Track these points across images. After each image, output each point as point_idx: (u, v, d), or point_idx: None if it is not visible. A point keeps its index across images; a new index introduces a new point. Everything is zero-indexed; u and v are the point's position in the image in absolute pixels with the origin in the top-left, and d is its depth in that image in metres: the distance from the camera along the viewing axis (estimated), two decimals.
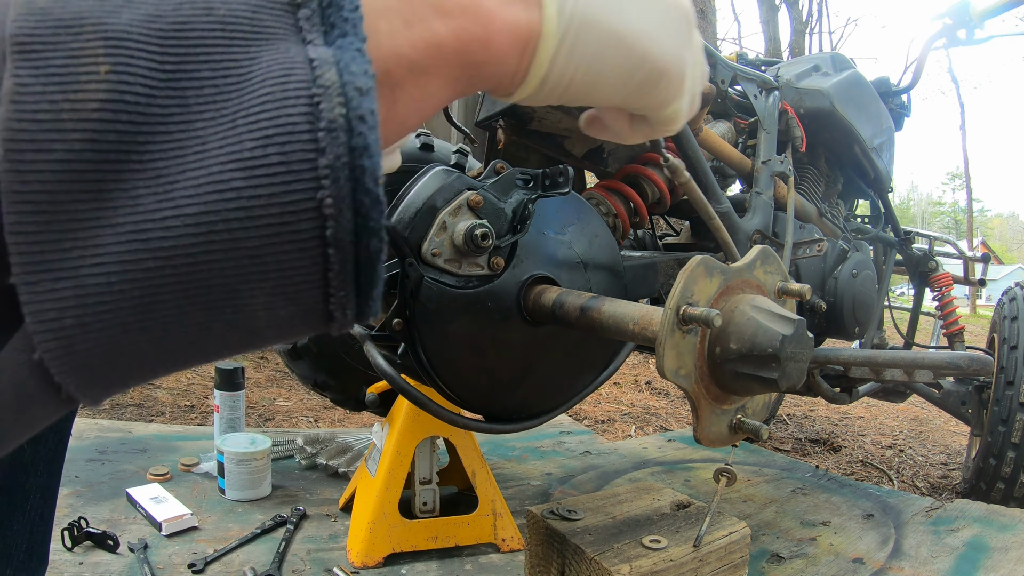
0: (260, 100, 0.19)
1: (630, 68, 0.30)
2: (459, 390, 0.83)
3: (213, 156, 0.19)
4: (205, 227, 0.18)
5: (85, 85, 0.18)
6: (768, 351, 0.66)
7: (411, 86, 0.24)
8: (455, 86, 0.26)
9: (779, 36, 11.43)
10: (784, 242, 1.31)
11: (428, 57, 0.24)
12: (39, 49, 0.17)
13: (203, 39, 0.19)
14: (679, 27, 0.32)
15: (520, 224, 0.81)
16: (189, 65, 0.19)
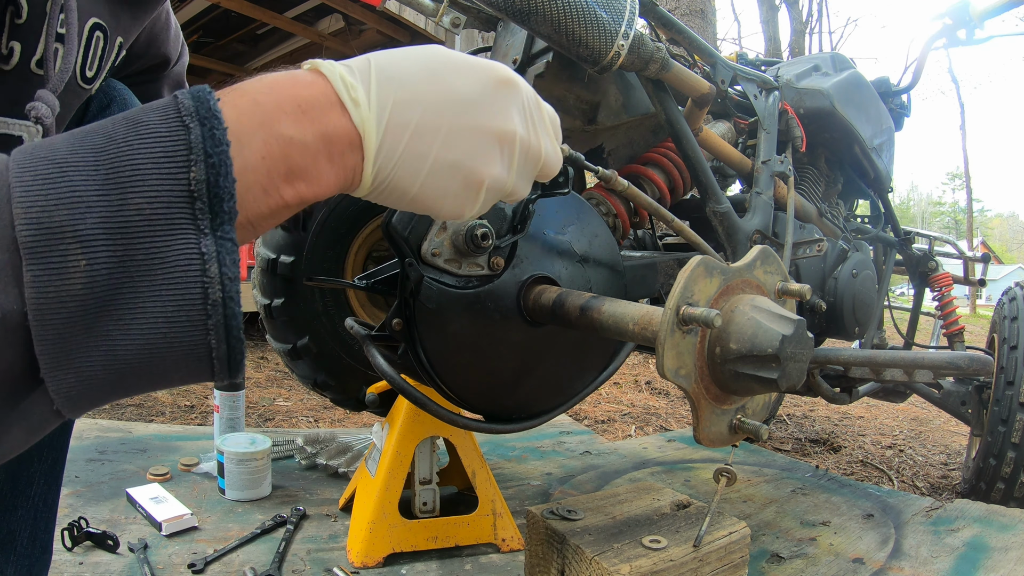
0: (175, 279, 0.33)
1: (417, 209, 0.46)
2: (459, 390, 0.83)
3: (151, 311, 0.32)
4: (148, 351, 0.33)
5: (73, 275, 0.31)
6: (768, 351, 0.66)
7: (266, 221, 0.39)
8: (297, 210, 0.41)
9: (779, 36, 11.43)
10: (784, 242, 1.31)
11: (277, 210, 0.39)
12: (40, 251, 0.30)
13: (139, 232, 0.32)
14: (465, 196, 0.46)
15: (520, 224, 0.81)
16: (133, 251, 0.32)
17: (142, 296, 0.32)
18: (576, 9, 0.95)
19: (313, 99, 0.39)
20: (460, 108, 0.44)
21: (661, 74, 1.13)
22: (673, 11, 5.10)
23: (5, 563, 0.78)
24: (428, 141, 0.43)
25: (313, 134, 0.39)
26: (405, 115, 0.42)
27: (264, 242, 1.58)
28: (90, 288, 0.31)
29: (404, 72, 0.43)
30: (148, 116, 0.34)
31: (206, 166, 0.33)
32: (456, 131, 0.44)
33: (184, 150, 0.33)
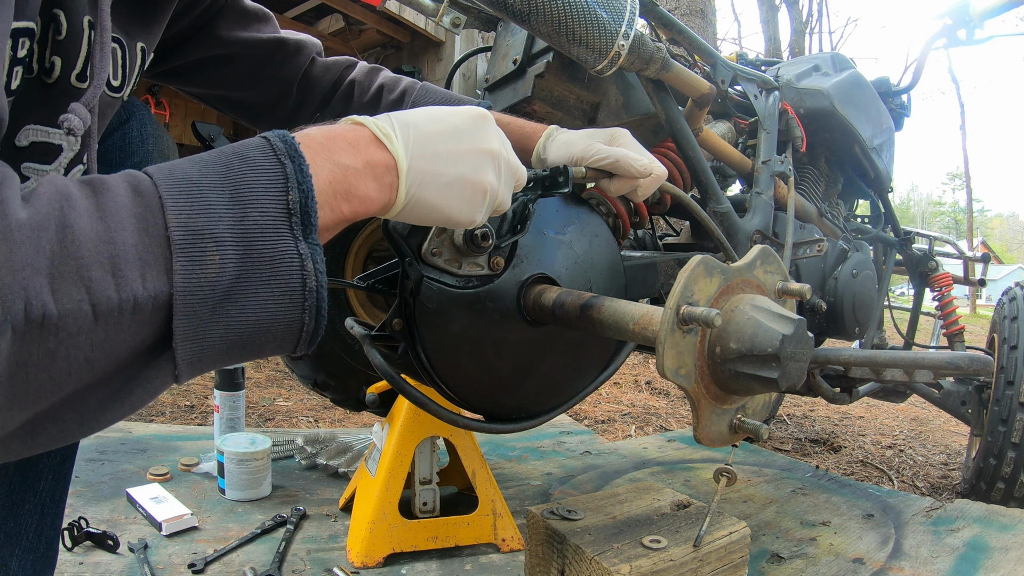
0: (283, 271, 0.44)
1: (440, 219, 0.60)
2: (459, 390, 0.83)
3: (264, 296, 0.43)
4: (257, 327, 0.43)
5: (210, 266, 0.41)
6: (768, 351, 0.66)
7: (331, 231, 0.51)
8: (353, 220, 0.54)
9: (779, 36, 11.43)
10: (784, 242, 1.31)
11: (339, 222, 0.51)
12: (187, 247, 0.41)
13: (256, 237, 0.43)
14: (474, 202, 0.60)
15: (520, 224, 0.81)
16: (251, 251, 0.43)
17: (256, 284, 0.43)
18: (576, 9, 0.95)
19: (359, 138, 0.53)
20: (458, 136, 0.59)
21: (661, 74, 1.13)
22: (673, 11, 5.10)
23: (10, 556, 0.78)
24: (441, 162, 0.57)
25: (362, 162, 0.52)
26: (422, 146, 0.56)
27: None
28: (221, 277, 0.41)
29: (417, 119, 0.58)
30: (252, 153, 0.46)
31: (299, 192, 0.45)
32: (459, 153, 0.59)
33: (283, 179, 0.45)
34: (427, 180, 0.56)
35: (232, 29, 0.90)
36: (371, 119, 0.55)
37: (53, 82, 0.64)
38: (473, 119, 0.62)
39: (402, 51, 6.02)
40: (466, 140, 0.60)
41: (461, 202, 0.59)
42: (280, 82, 0.96)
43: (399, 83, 1.02)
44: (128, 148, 0.82)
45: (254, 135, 0.51)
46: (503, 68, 1.37)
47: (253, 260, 0.42)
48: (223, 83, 0.94)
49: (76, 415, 0.40)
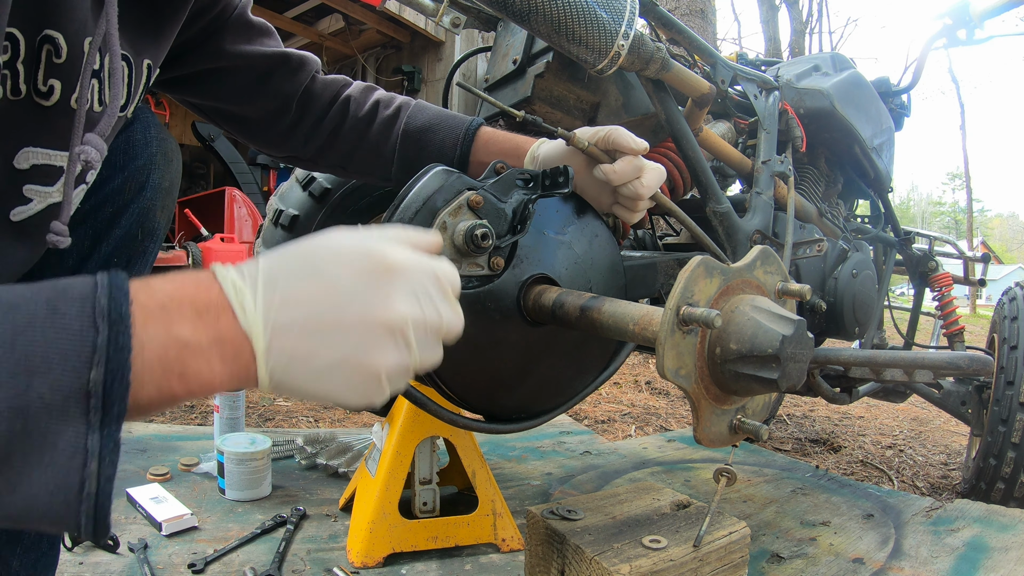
0: (60, 465, 0.38)
1: (323, 402, 0.52)
2: (459, 390, 0.83)
3: (36, 482, 0.37)
4: (26, 510, 0.37)
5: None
6: (768, 351, 0.66)
7: (155, 410, 0.43)
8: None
9: (779, 36, 11.43)
10: (784, 242, 1.31)
11: (166, 402, 0.43)
12: None
13: (37, 415, 0.36)
14: (365, 388, 0.47)
15: (520, 224, 0.81)
16: (30, 429, 0.36)
17: (31, 467, 0.37)
18: (576, 9, 0.95)
19: (209, 303, 0.43)
20: (342, 302, 0.45)
21: (661, 74, 1.13)
22: (673, 11, 5.10)
23: (11, 556, 0.79)
24: (315, 340, 0.45)
25: (208, 337, 0.42)
26: (288, 315, 0.44)
27: (264, 242, 1.58)
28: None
29: (288, 272, 0.45)
30: (67, 306, 0.38)
31: (105, 370, 0.38)
32: (341, 327, 0.45)
33: (89, 351, 0.38)
34: (296, 362, 0.44)
35: (236, 42, 0.89)
36: (230, 272, 0.45)
37: (51, 105, 0.63)
38: (368, 273, 0.47)
39: (402, 51, 6.02)
40: (354, 308, 0.45)
41: (346, 389, 0.46)
42: (280, 97, 0.95)
43: (394, 100, 1.00)
44: (132, 151, 0.82)
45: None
46: (503, 68, 1.37)
47: (29, 441, 0.36)
48: (223, 96, 0.93)
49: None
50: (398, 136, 0.97)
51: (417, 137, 0.97)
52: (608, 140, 0.86)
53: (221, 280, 0.44)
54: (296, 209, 1.53)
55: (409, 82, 5.88)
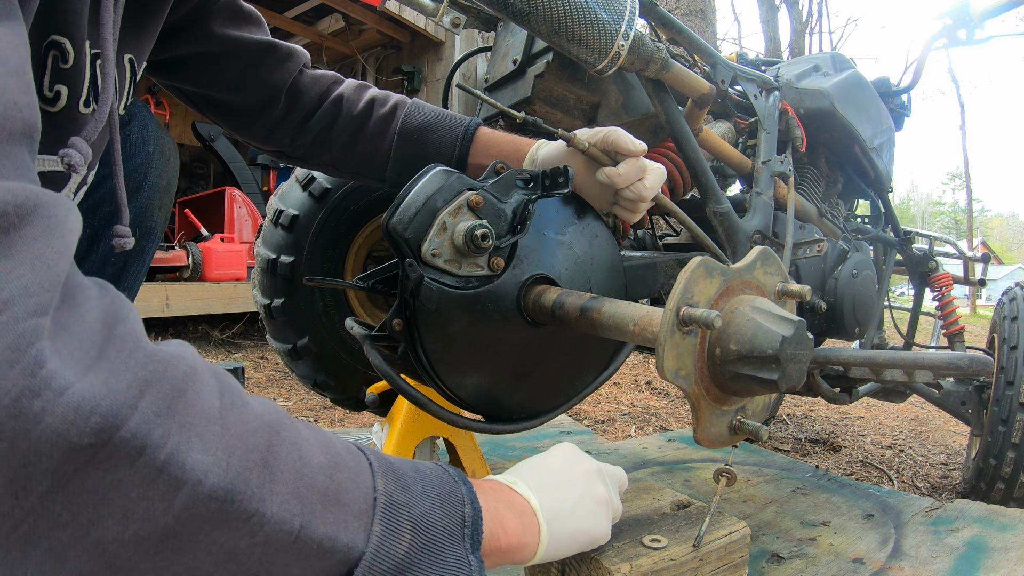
0: (453, 572, 0.50)
1: (583, 542, 0.67)
2: (459, 390, 0.83)
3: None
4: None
5: (400, 540, 0.47)
6: (768, 352, 0.66)
7: (488, 552, 0.55)
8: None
9: (779, 36, 11.44)
10: (784, 242, 1.31)
11: (494, 548, 0.56)
12: (388, 516, 0.48)
13: (438, 535, 0.50)
14: (599, 513, 0.67)
15: (520, 224, 0.81)
16: (431, 542, 0.49)
17: (426, 571, 0.47)
18: (576, 9, 0.95)
19: (494, 485, 0.61)
20: (563, 466, 0.68)
21: (661, 74, 1.13)
22: (673, 11, 5.10)
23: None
24: (562, 490, 0.65)
25: (504, 502, 0.59)
26: (543, 481, 0.65)
27: (264, 242, 1.58)
28: (405, 552, 0.46)
29: (528, 465, 0.67)
30: (430, 470, 0.53)
31: (472, 507, 0.52)
32: (571, 479, 0.67)
33: (461, 495, 0.52)
34: (558, 508, 0.63)
35: (225, 26, 0.88)
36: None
37: (58, 111, 0.63)
38: (589, 472, 0.69)
39: (402, 51, 6.02)
40: (570, 468, 0.67)
41: (592, 518, 0.66)
42: (269, 88, 0.94)
43: (389, 98, 0.99)
44: (129, 150, 0.82)
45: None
46: (503, 68, 1.37)
47: (431, 550, 0.47)
48: (211, 82, 0.92)
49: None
50: (394, 135, 0.96)
51: (414, 137, 0.96)
52: (607, 142, 0.86)
53: (495, 477, 0.64)
54: (296, 209, 1.53)
55: (409, 82, 5.88)
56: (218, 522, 0.36)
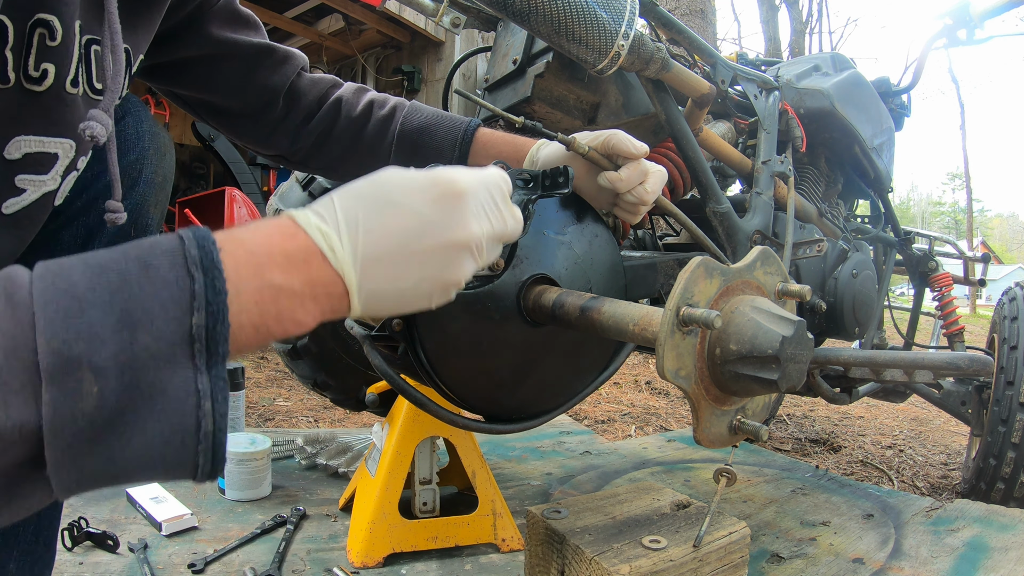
0: (174, 410, 0.38)
1: (410, 311, 0.54)
2: (459, 390, 0.83)
3: (151, 432, 0.38)
4: (143, 462, 0.38)
5: (85, 399, 0.36)
6: (768, 352, 0.66)
7: (254, 350, 0.49)
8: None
9: (779, 36, 11.43)
10: (784, 242, 1.31)
11: (265, 342, 0.45)
12: (58, 377, 0.35)
13: (145, 367, 0.37)
14: (443, 295, 0.54)
15: None
16: (138, 382, 0.37)
17: (143, 419, 0.38)
18: (576, 9, 0.95)
19: (297, 251, 0.45)
20: (421, 231, 0.50)
21: (661, 74, 1.13)
22: (673, 11, 5.10)
23: (8, 559, 0.78)
24: (401, 267, 0.49)
25: (300, 281, 0.45)
26: (374, 250, 0.48)
27: None
28: (99, 410, 0.36)
29: (366, 208, 0.49)
30: (159, 260, 0.39)
31: (206, 313, 0.39)
32: (423, 252, 0.50)
33: (188, 297, 0.39)
34: (383, 290, 0.49)
35: (222, 29, 0.88)
36: (311, 218, 0.47)
37: (44, 90, 0.62)
38: (439, 200, 0.51)
39: (402, 51, 6.02)
40: (432, 234, 0.50)
41: (427, 302, 0.53)
42: (267, 91, 0.94)
43: (388, 101, 0.99)
44: (124, 146, 0.82)
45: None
46: (503, 68, 1.37)
47: (140, 393, 0.37)
48: (209, 86, 0.92)
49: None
50: (394, 137, 0.96)
51: (414, 138, 0.96)
52: (608, 145, 0.86)
53: (305, 227, 0.46)
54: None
55: (409, 82, 5.88)
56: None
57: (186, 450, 0.39)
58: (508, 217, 0.58)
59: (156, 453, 0.38)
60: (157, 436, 0.38)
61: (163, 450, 0.38)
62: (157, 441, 0.38)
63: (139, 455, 0.38)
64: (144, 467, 0.39)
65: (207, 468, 0.40)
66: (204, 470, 0.40)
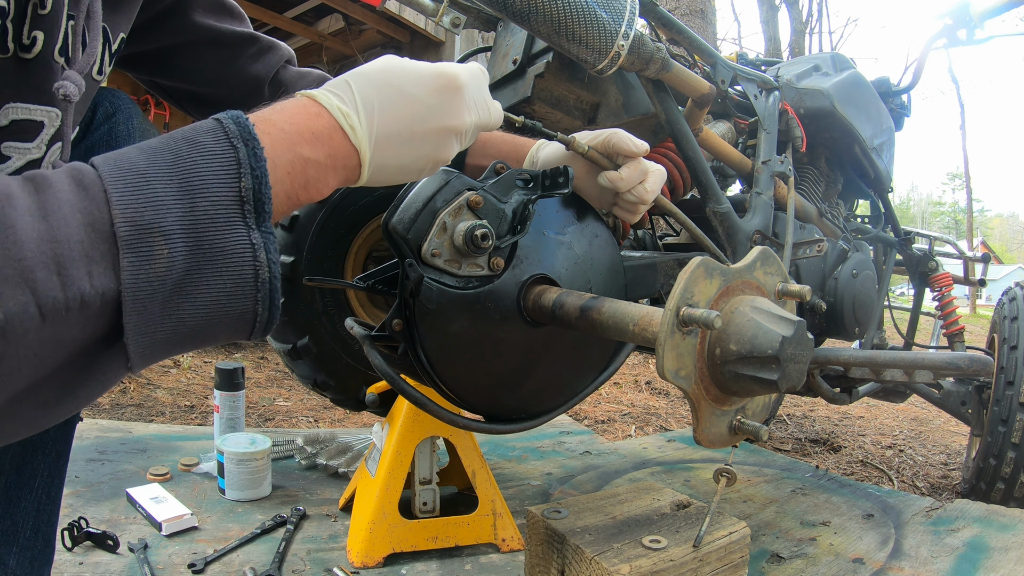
0: (234, 263, 0.43)
1: (402, 181, 0.63)
2: (459, 390, 0.83)
3: (214, 287, 0.42)
4: (209, 318, 0.43)
5: (158, 261, 0.40)
6: (768, 352, 0.66)
7: (284, 215, 0.54)
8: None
9: (779, 36, 11.43)
10: (784, 242, 1.31)
11: (294, 208, 0.53)
12: (134, 243, 0.40)
13: (205, 228, 0.42)
14: (429, 171, 0.63)
15: (520, 225, 0.81)
16: (201, 243, 0.42)
17: (207, 276, 0.42)
18: (576, 9, 0.95)
19: (322, 129, 0.53)
20: (425, 116, 0.59)
21: (661, 74, 1.13)
22: (673, 11, 5.09)
23: (8, 554, 0.79)
24: (406, 146, 0.59)
25: (324, 155, 0.52)
26: (386, 130, 0.57)
27: None
28: (170, 271, 0.40)
29: (381, 95, 0.57)
30: (203, 137, 0.44)
31: (252, 178, 0.44)
32: (423, 134, 0.60)
33: (235, 165, 0.44)
34: (390, 163, 0.58)
35: (206, 17, 0.88)
36: (332, 99, 0.54)
37: (33, 57, 0.62)
38: (442, 91, 0.60)
39: (402, 51, 6.01)
40: (433, 119, 0.60)
41: (419, 174, 0.62)
42: (250, 80, 0.94)
43: None
44: (115, 143, 0.82)
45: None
46: (503, 68, 1.37)
47: (203, 252, 0.42)
48: (191, 74, 0.92)
49: (31, 409, 0.41)
50: None
51: None
52: (608, 144, 0.85)
53: (328, 107, 0.54)
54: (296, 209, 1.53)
55: None
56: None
57: (246, 300, 0.44)
58: (492, 109, 0.68)
59: (220, 307, 0.43)
60: (220, 290, 0.43)
61: (226, 303, 0.43)
62: (221, 295, 0.43)
63: (205, 312, 0.42)
64: (208, 324, 0.43)
65: (264, 318, 0.45)
66: (261, 320, 0.45)
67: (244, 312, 0.44)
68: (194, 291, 0.42)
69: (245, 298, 0.44)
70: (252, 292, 0.44)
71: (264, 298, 0.44)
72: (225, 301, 0.43)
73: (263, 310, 0.45)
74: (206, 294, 0.42)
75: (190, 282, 0.41)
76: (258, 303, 0.44)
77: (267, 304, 0.45)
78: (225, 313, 0.43)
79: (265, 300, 0.44)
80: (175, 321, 0.42)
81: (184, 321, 0.42)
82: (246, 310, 0.44)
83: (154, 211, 0.40)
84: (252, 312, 0.44)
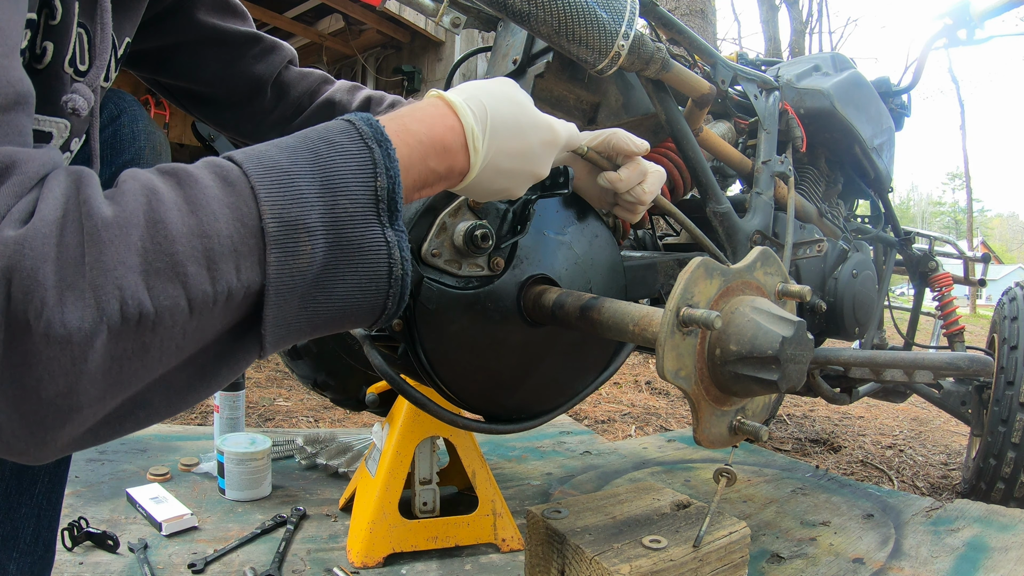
0: (370, 260, 0.45)
1: (477, 196, 0.66)
2: (459, 390, 0.83)
3: (350, 282, 0.45)
4: (341, 311, 0.45)
5: (302, 257, 0.42)
6: (768, 353, 0.66)
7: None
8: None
9: (779, 36, 11.42)
10: (784, 242, 1.31)
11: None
12: (281, 239, 0.41)
13: (345, 225, 0.44)
14: (524, 186, 0.67)
15: (520, 225, 0.81)
16: (341, 239, 0.44)
17: (345, 272, 0.44)
18: (576, 9, 0.95)
19: (452, 143, 0.56)
20: (526, 159, 0.64)
21: (661, 74, 1.13)
22: (673, 11, 5.09)
23: (8, 560, 0.78)
24: (499, 177, 0.63)
25: (445, 167, 0.56)
26: (495, 161, 0.61)
27: None
28: (311, 265, 0.42)
29: (506, 126, 0.61)
30: (339, 137, 0.47)
31: (387, 178, 0.46)
32: (516, 172, 0.64)
33: (371, 165, 0.46)
34: (480, 187, 0.62)
35: (209, 15, 0.88)
36: (469, 118, 0.57)
37: (43, 68, 0.62)
38: (547, 145, 0.66)
39: (402, 51, 6.02)
40: (530, 164, 0.64)
41: (514, 189, 0.66)
42: (252, 80, 0.94)
43: (385, 99, 1.00)
44: (119, 145, 0.82)
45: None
46: (503, 68, 1.37)
47: (343, 248, 0.44)
48: (193, 73, 0.91)
49: (163, 397, 0.41)
50: None
51: None
52: (608, 144, 0.85)
53: (464, 123, 0.57)
54: None
55: (409, 82, 5.87)
56: (125, 349, 0.36)
57: (379, 295, 0.46)
58: (572, 134, 0.74)
59: (354, 301, 0.45)
60: (356, 285, 0.45)
61: (360, 298, 0.45)
62: (356, 290, 0.45)
63: (340, 305, 0.45)
64: (340, 316, 0.45)
65: (392, 310, 0.48)
66: (389, 311, 0.48)
67: (375, 307, 0.46)
68: (331, 285, 0.44)
69: (378, 293, 0.46)
70: (385, 287, 0.46)
71: (395, 293, 0.47)
72: (359, 296, 0.45)
73: (392, 304, 0.47)
74: (342, 288, 0.44)
75: (328, 277, 0.43)
76: (389, 298, 0.47)
77: (397, 299, 0.47)
78: (358, 306, 0.46)
79: (396, 295, 0.47)
80: (310, 313, 0.44)
81: (318, 313, 0.44)
82: (376, 305, 0.46)
83: (300, 208, 0.42)
84: (382, 307, 0.47)
